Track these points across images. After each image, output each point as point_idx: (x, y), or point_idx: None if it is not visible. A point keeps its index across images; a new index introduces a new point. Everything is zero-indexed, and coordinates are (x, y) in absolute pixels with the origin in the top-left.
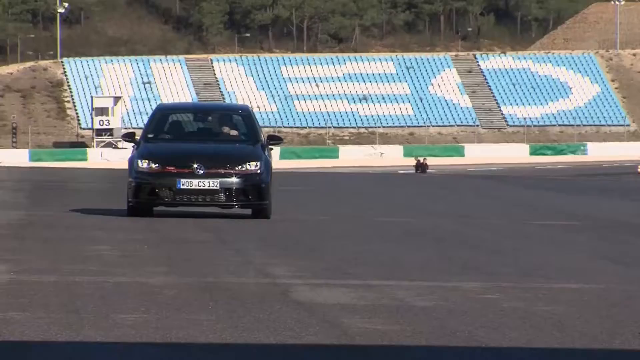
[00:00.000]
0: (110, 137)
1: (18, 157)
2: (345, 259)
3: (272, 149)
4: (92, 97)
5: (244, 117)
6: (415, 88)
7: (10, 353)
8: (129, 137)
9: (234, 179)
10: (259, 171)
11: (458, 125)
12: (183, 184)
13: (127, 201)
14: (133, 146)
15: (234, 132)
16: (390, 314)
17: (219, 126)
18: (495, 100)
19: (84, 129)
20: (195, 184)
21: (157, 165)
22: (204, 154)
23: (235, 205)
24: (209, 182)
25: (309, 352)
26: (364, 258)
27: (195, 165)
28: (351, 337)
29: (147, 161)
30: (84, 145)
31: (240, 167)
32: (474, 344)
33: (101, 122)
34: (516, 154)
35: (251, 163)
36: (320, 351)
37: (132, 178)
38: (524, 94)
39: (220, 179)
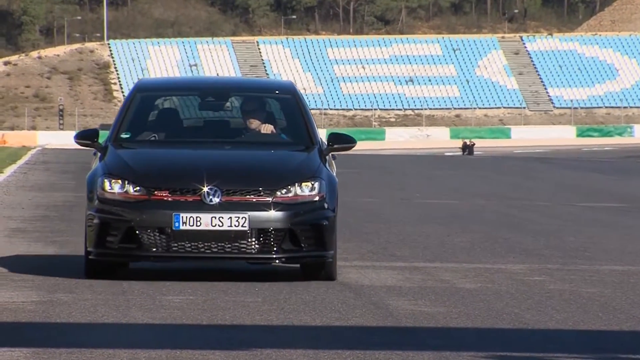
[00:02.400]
0: None
1: (65, 139)
2: (392, 241)
3: (335, 157)
4: (138, 79)
5: (287, 101)
6: (462, 70)
7: (58, 334)
8: (86, 137)
9: (274, 213)
10: (316, 198)
11: (504, 107)
12: (184, 223)
13: (85, 251)
14: (94, 154)
15: (269, 128)
16: (436, 296)
17: (244, 117)
18: (542, 82)
19: None
20: (206, 221)
21: (137, 188)
22: (221, 167)
23: (276, 259)
24: (229, 218)
25: (355, 334)
26: (410, 240)
27: (205, 189)
28: (397, 319)
29: (119, 181)
30: None
31: (284, 190)
32: (520, 326)
33: None
34: (562, 135)
35: (304, 184)
36: (366, 333)
37: (92, 211)
38: (570, 75)
39: (249, 213)
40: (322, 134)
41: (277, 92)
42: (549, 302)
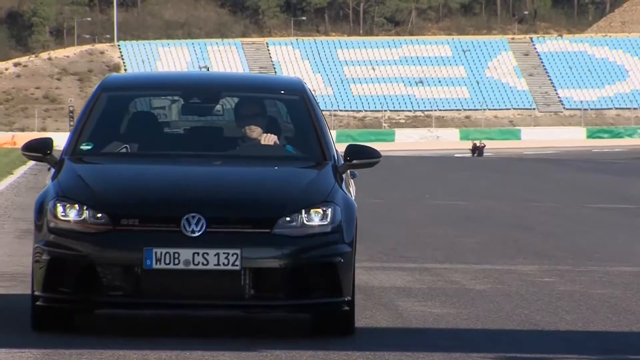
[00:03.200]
0: None
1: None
2: (401, 242)
3: (355, 174)
4: None
5: (294, 104)
6: (472, 71)
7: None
8: (35, 148)
9: (274, 249)
10: (329, 228)
11: (514, 109)
12: (158, 260)
13: (32, 295)
14: (49, 169)
15: (271, 139)
16: (446, 297)
17: (239, 124)
18: (552, 83)
19: None
20: (187, 258)
21: (98, 216)
22: (206, 189)
23: (277, 307)
24: (216, 254)
25: (365, 335)
26: (420, 241)
27: (186, 217)
28: (407, 320)
29: (75, 206)
30: None
31: (287, 219)
32: (530, 327)
33: None
34: (573, 137)
35: (313, 210)
36: (376, 334)
37: (41, 244)
38: (580, 77)
39: (241, 248)
40: (333, 136)
41: (282, 91)
42: (559, 304)
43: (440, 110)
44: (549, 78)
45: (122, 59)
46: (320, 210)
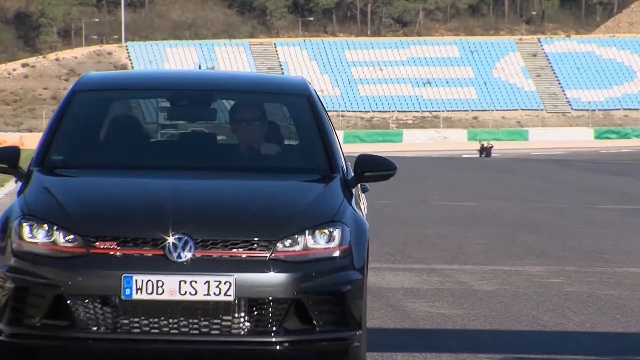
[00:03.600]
0: None
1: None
2: (409, 243)
3: (367, 188)
4: None
5: (297, 106)
6: (480, 72)
7: None
8: (1, 159)
9: (273, 275)
10: (336, 252)
11: (522, 109)
12: (139, 289)
13: None
14: (16, 182)
15: (271, 148)
16: (454, 298)
17: (234, 130)
18: (560, 84)
19: None
20: (172, 287)
21: (70, 237)
22: (194, 206)
23: (276, 343)
24: (206, 282)
25: (372, 336)
26: (428, 242)
27: (171, 239)
28: (415, 321)
29: (44, 226)
30: None
31: (288, 242)
32: (538, 328)
33: None
34: (580, 138)
35: (318, 231)
36: (384, 335)
37: (4, 270)
38: (588, 77)
39: (235, 275)
40: (340, 137)
41: (283, 93)
42: (567, 304)
43: (447, 111)
44: (557, 79)
45: (130, 60)
46: (326, 231)
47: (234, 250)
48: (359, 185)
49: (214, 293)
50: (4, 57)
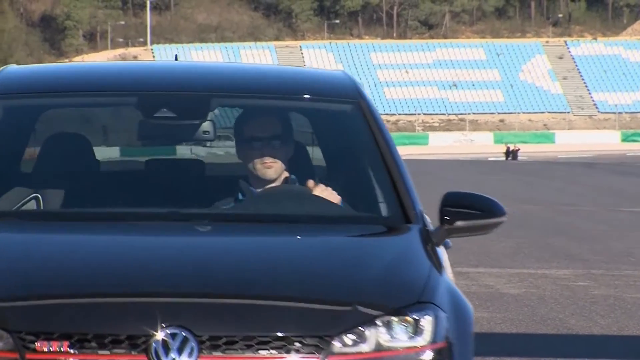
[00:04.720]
0: None
1: (109, 153)
2: None
3: (449, 244)
4: None
5: (344, 118)
6: (506, 74)
7: None
8: None
9: None
10: (426, 355)
11: (548, 112)
12: None
13: None
14: None
15: (327, 192)
16: (480, 301)
17: (241, 153)
18: (586, 86)
19: None
20: None
21: None
22: (192, 283)
23: None
24: None
25: None
26: (454, 245)
27: (160, 334)
28: None
29: None
30: None
31: (350, 337)
32: (564, 332)
33: None
34: (607, 140)
35: (397, 320)
36: None
37: None
38: (615, 80)
39: None
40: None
41: (322, 98)
42: (594, 308)
43: (474, 113)
44: (583, 81)
45: None
46: (410, 319)
47: (263, 353)
48: (445, 237)
49: None
50: (30, 60)
